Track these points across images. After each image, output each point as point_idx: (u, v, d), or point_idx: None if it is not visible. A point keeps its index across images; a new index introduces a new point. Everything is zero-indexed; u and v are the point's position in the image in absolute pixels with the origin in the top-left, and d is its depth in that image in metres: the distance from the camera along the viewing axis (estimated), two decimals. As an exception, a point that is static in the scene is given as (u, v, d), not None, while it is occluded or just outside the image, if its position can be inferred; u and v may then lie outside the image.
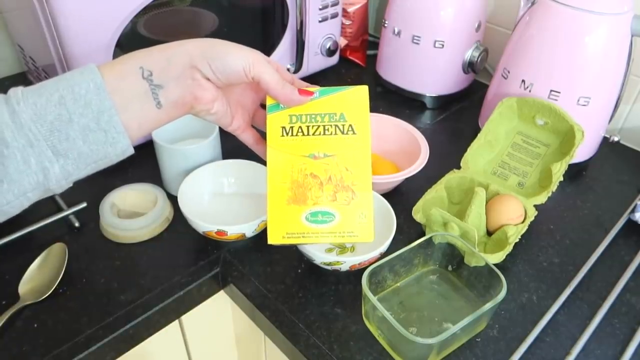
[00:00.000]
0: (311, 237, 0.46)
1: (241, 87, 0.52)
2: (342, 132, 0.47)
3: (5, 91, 0.40)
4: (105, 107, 0.39)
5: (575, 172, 0.82)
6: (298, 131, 0.47)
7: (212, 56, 0.43)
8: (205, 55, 0.43)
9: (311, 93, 0.47)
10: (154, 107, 0.42)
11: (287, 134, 0.47)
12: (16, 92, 0.39)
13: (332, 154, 0.47)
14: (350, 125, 0.47)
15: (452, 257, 0.63)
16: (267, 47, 0.90)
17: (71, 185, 0.43)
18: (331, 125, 0.47)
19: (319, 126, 0.47)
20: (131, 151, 0.43)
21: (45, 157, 0.38)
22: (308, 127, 0.47)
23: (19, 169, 0.38)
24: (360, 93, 0.48)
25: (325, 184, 0.46)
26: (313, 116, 0.47)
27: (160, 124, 0.44)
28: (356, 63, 1.10)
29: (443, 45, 0.89)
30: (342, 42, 1.07)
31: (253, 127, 0.55)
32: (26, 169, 0.38)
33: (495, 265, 0.59)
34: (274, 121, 0.48)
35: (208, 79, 0.44)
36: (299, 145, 0.47)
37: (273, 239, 0.47)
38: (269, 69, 0.45)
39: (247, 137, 0.54)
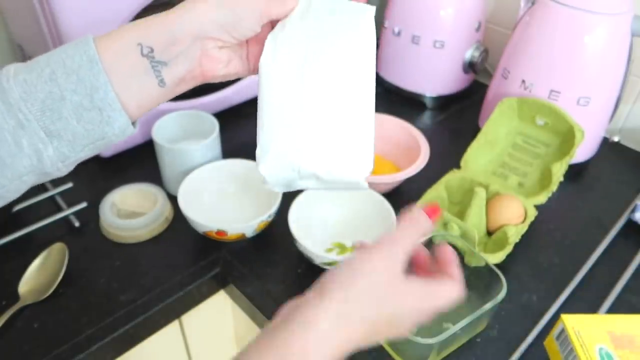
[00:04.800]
0: None
1: None
2: None
3: None
4: (100, 83, 0.36)
5: (575, 172, 0.82)
6: None
7: (226, 21, 0.38)
8: (218, 21, 0.38)
9: None
10: (156, 86, 0.38)
11: None
12: (8, 69, 0.36)
13: None
14: None
15: (452, 257, 0.63)
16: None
17: (71, 168, 0.39)
18: None
19: None
20: (132, 130, 0.39)
21: (38, 138, 0.35)
22: None
23: (11, 152, 0.35)
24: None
25: None
26: None
27: (164, 100, 0.40)
28: (356, 63, 1.10)
29: (443, 45, 0.89)
30: (342, 42, 1.07)
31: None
32: (18, 152, 0.35)
33: (495, 265, 0.59)
34: None
35: (221, 47, 0.40)
36: None
37: None
38: (277, 3, 0.40)
39: None
